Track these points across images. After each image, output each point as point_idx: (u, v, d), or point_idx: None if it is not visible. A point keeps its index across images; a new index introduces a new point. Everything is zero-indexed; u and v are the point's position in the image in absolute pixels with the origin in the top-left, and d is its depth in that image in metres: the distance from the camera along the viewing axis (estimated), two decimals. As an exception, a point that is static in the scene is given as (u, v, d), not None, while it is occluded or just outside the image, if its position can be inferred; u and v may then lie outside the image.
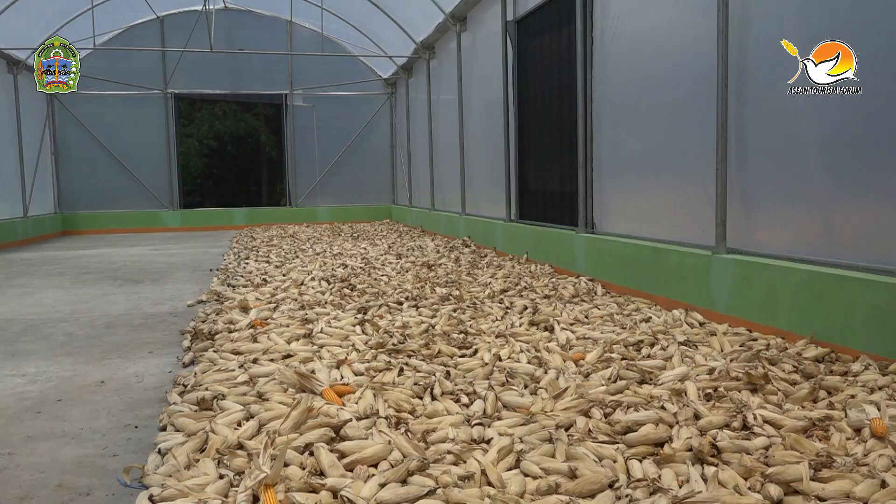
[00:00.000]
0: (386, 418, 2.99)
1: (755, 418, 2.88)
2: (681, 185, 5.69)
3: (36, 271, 9.44)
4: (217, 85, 17.52)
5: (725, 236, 4.99)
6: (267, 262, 9.13)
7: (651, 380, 3.55)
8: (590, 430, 2.88)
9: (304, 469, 2.49)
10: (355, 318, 5.10)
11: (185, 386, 3.68)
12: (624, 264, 6.24)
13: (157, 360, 4.49)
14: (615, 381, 3.51)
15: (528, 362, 3.91)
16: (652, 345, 4.22)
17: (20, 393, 3.82)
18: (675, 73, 5.68)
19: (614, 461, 2.57)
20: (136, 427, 3.25)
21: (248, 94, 18.06)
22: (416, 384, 3.48)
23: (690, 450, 2.61)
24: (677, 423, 2.89)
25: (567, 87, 7.72)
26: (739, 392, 3.25)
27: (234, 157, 25.04)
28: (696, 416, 2.95)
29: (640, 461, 2.58)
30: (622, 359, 3.91)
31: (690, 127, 5.49)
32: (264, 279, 7.33)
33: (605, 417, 3.02)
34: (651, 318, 5.00)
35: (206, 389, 3.46)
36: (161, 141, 17.17)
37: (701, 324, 4.80)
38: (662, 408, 3.06)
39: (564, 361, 3.92)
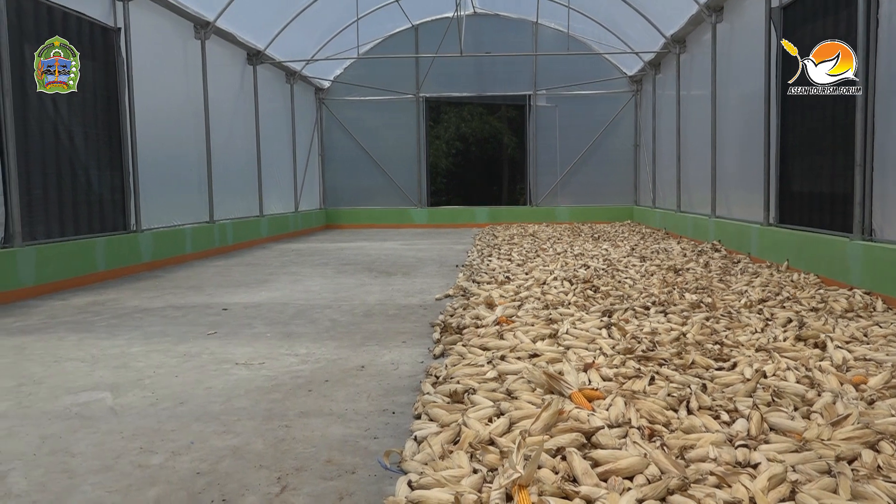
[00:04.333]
0: (639, 429, 2.85)
1: None
2: None
3: (304, 261, 10.47)
4: (464, 88, 18.23)
5: None
6: (509, 260, 9.28)
7: (956, 415, 3.03)
8: (879, 467, 2.51)
9: (556, 473, 2.45)
10: (601, 320, 4.97)
11: (437, 377, 3.82)
12: (912, 277, 5.44)
13: (410, 350, 4.73)
14: (908, 413, 3.05)
15: (798, 382, 3.52)
16: (954, 373, 3.61)
17: (294, 371, 4.22)
18: None
19: (914, 507, 2.22)
20: (394, 413, 3.43)
21: (493, 95, 18.55)
22: (669, 395, 3.29)
23: None
24: None
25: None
26: None
27: (477, 157, 25.98)
28: None
29: (949, 511, 2.19)
30: (915, 387, 3.39)
31: None
32: (507, 277, 7.44)
33: (899, 454, 2.63)
34: (949, 341, 4.29)
35: (458, 383, 3.56)
36: (412, 142, 18.28)
37: None
38: (976, 450, 2.59)
39: (842, 384, 3.48)
